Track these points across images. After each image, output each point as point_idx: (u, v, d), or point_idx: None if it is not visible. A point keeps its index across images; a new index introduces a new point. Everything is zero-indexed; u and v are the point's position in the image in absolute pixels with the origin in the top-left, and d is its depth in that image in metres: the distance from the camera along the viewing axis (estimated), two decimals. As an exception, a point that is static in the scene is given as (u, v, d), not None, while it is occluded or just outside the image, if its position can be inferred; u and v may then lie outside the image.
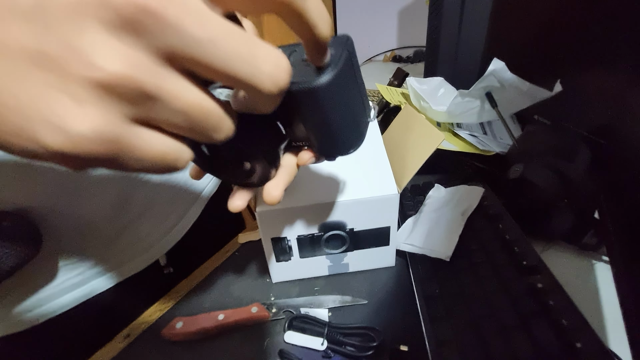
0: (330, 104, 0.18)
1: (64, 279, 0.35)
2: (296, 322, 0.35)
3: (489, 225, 0.40)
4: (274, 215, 0.34)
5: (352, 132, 0.20)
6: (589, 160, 0.42)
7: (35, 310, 0.35)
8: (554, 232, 0.40)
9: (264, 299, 0.38)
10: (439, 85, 0.57)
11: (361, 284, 0.39)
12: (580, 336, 0.28)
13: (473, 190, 0.44)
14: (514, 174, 0.41)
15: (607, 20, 0.41)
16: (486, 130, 0.57)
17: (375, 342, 0.32)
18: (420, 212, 0.43)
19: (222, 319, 0.35)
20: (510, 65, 0.48)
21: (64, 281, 0.35)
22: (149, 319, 0.37)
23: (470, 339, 0.30)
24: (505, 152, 0.50)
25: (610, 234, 0.37)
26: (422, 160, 0.34)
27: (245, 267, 0.42)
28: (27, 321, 0.35)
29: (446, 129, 0.57)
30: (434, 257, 0.37)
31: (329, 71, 0.17)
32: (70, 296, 0.36)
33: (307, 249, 0.37)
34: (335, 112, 0.18)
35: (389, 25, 1.21)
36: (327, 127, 0.19)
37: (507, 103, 0.51)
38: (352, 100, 0.19)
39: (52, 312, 0.36)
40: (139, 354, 0.34)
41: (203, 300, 0.39)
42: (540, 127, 0.52)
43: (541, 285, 0.32)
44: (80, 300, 0.37)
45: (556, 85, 0.47)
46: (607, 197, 0.39)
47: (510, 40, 0.58)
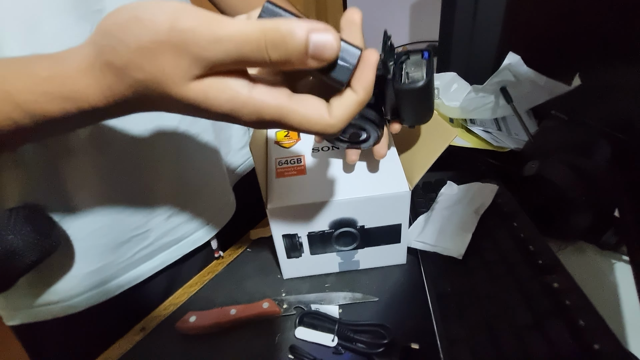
0: (426, 95, 0.28)
1: (135, 250, 0.39)
2: (307, 318, 0.35)
3: (503, 224, 0.39)
4: (285, 212, 0.35)
5: (430, 110, 0.31)
6: (608, 156, 0.41)
7: (114, 280, 0.38)
8: (571, 230, 0.39)
9: (275, 294, 0.38)
10: (452, 81, 0.56)
11: (372, 281, 0.39)
12: (598, 337, 0.27)
13: (486, 188, 0.43)
14: (530, 171, 0.40)
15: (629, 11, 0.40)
16: (500, 126, 0.56)
17: (386, 339, 0.32)
18: (432, 210, 0.42)
19: (234, 314, 0.35)
20: (527, 58, 0.47)
21: (135, 253, 0.39)
22: (164, 312, 0.38)
23: (483, 338, 0.30)
24: (520, 149, 0.49)
25: (631, 232, 0.36)
26: (434, 157, 0.33)
27: (256, 263, 0.43)
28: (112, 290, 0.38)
29: (459, 125, 0.56)
30: (446, 255, 0.37)
31: (428, 78, 0.27)
32: (144, 267, 0.40)
33: (318, 245, 0.37)
34: (427, 99, 0.29)
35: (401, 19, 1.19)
36: (417, 109, 0.30)
37: (522, 98, 0.50)
38: (432, 92, 0.29)
39: (128, 283, 0.39)
40: (154, 346, 0.35)
41: (216, 295, 0.40)
42: (558, 123, 0.51)
43: (557, 284, 0.31)
44: (153, 271, 0.41)
45: (575, 79, 0.45)
46: (628, 195, 0.37)
47: (526, 33, 0.57)
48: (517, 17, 0.56)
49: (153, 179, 0.37)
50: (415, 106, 0.30)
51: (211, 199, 0.44)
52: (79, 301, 0.37)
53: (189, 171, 0.40)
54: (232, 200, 0.48)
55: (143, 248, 0.39)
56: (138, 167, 0.36)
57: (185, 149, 0.40)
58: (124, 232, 0.37)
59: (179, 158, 0.39)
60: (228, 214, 0.47)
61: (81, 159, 0.32)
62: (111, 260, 0.37)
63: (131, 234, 0.37)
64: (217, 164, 0.44)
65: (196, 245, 0.44)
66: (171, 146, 0.38)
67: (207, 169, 0.43)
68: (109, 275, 0.38)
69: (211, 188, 0.44)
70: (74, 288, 0.36)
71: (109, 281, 0.38)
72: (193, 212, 0.42)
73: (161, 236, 0.40)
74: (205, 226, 0.44)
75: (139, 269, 0.40)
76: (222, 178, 0.46)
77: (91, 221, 0.34)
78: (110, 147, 0.33)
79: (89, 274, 0.36)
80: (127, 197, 0.36)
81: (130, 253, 0.38)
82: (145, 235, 0.39)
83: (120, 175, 0.35)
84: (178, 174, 0.39)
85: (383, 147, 0.33)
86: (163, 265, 0.41)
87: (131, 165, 0.35)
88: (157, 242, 0.40)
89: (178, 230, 0.42)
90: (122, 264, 0.38)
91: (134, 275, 0.39)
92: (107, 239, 0.36)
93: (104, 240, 0.36)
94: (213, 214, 0.45)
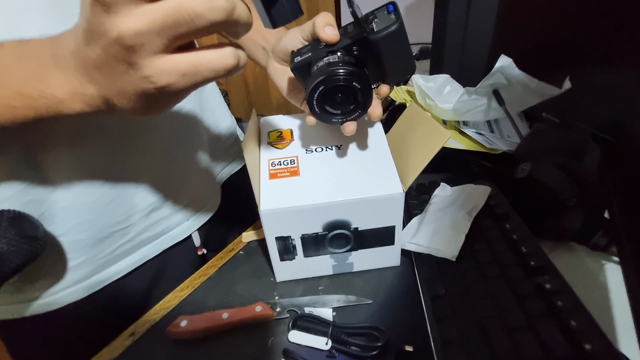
0: (402, 39, 0.30)
1: (116, 245, 0.38)
2: (300, 322, 0.34)
3: (496, 225, 0.39)
4: (278, 214, 0.34)
5: (411, 60, 0.32)
6: (598, 158, 0.41)
7: (95, 276, 0.38)
8: (562, 232, 0.40)
9: (268, 298, 0.38)
10: (445, 83, 0.57)
11: (366, 283, 0.39)
12: (589, 338, 0.27)
13: (479, 190, 0.43)
14: (522, 173, 0.41)
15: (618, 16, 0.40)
16: (493, 128, 0.56)
17: (380, 342, 0.31)
18: (426, 212, 0.42)
19: (226, 318, 0.35)
20: (518, 61, 0.47)
21: (116, 248, 0.38)
22: (154, 317, 0.38)
23: (476, 340, 0.30)
24: (512, 151, 0.49)
25: (620, 233, 0.36)
26: (428, 159, 0.33)
27: (249, 266, 0.42)
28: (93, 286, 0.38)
29: (452, 127, 0.56)
30: (440, 256, 0.37)
31: (399, 21, 0.29)
32: (124, 262, 0.40)
33: (311, 248, 0.37)
34: (404, 45, 0.30)
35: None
36: (399, 56, 0.31)
37: (514, 100, 0.50)
38: (406, 37, 0.30)
39: (109, 278, 0.39)
40: (144, 352, 0.34)
41: (207, 299, 0.39)
42: (549, 125, 0.52)
43: (549, 286, 0.31)
44: (133, 266, 0.40)
45: (565, 82, 0.46)
46: (618, 196, 0.38)
47: (518, 36, 0.57)
48: (508, 21, 0.57)
49: (134, 173, 0.37)
50: (395, 54, 0.30)
51: (193, 195, 0.44)
52: (59, 297, 0.36)
53: (171, 166, 0.40)
54: (216, 198, 0.48)
55: (124, 243, 0.39)
56: (119, 162, 0.35)
57: (168, 144, 0.39)
58: (105, 227, 0.36)
59: (162, 153, 0.39)
60: (211, 210, 0.47)
61: (60, 152, 0.32)
62: (92, 256, 0.37)
63: (112, 229, 0.37)
64: (201, 160, 0.44)
65: (177, 241, 0.44)
66: (153, 141, 0.38)
67: (191, 164, 0.43)
68: (90, 270, 0.37)
69: (194, 184, 0.44)
70: (53, 284, 0.35)
71: (90, 277, 0.37)
72: (174, 207, 0.42)
73: (142, 231, 0.40)
74: (186, 222, 0.44)
75: (120, 264, 0.39)
76: (206, 174, 0.46)
77: (71, 216, 0.34)
78: (90, 141, 0.33)
79: (69, 270, 0.35)
80: (108, 193, 0.36)
81: (111, 248, 0.38)
82: (126, 231, 0.38)
83: (101, 170, 0.34)
84: (160, 168, 0.39)
85: (376, 107, 0.33)
86: (143, 260, 0.41)
87: (112, 160, 0.35)
88: (137, 237, 0.39)
89: (159, 226, 0.41)
90: (103, 259, 0.37)
91: (114, 270, 0.39)
92: (88, 234, 0.35)
93: (84, 236, 0.35)
94: (195, 210, 0.45)
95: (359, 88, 0.30)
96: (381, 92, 0.33)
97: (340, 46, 0.30)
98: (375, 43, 0.29)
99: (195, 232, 0.46)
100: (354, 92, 0.30)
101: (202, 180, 0.45)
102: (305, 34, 0.32)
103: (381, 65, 0.31)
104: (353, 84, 0.30)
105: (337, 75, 0.29)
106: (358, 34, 0.30)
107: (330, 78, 0.29)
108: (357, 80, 0.30)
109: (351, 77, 0.29)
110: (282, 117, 0.42)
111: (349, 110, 0.32)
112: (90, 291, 0.38)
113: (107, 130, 0.34)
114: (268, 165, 0.38)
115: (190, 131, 0.42)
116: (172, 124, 0.39)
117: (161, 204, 0.40)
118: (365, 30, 0.29)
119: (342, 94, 0.31)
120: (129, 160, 0.36)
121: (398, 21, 0.29)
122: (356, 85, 0.30)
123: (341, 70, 0.29)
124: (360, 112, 0.32)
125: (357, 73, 0.29)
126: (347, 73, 0.29)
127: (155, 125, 0.37)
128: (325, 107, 0.31)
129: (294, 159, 0.38)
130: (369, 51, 0.30)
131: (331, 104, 0.31)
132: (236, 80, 1.87)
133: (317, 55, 0.31)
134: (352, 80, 0.29)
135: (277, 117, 0.42)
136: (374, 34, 0.29)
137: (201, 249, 0.47)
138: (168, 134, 0.39)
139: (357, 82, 0.30)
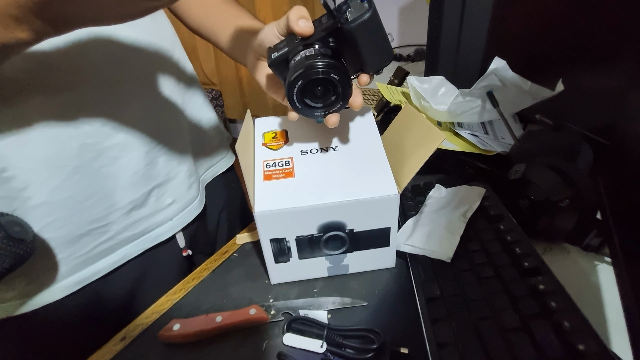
0: (376, 26, 0.29)
1: (94, 244, 0.37)
2: (295, 324, 0.34)
3: (490, 226, 0.39)
4: (272, 215, 0.34)
5: (388, 47, 0.31)
6: (591, 160, 0.42)
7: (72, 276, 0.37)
8: (555, 233, 0.40)
9: (263, 300, 0.38)
10: (440, 84, 0.57)
11: (361, 285, 0.39)
12: (582, 338, 0.27)
13: (474, 191, 0.43)
14: (516, 174, 0.41)
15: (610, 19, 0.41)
16: (487, 129, 0.56)
17: (375, 344, 0.31)
18: (421, 213, 0.42)
19: (220, 321, 0.34)
20: (512, 63, 0.48)
21: (94, 247, 0.37)
22: (146, 320, 0.37)
23: (471, 341, 0.30)
24: (506, 152, 0.50)
25: (612, 234, 0.37)
26: (423, 160, 0.33)
27: (243, 269, 0.42)
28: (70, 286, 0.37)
29: (447, 128, 0.56)
30: (435, 258, 0.37)
31: (372, 8, 0.28)
32: (104, 262, 0.39)
33: (306, 250, 0.37)
34: (379, 32, 0.30)
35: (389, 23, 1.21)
36: (375, 44, 0.30)
37: (508, 102, 0.50)
38: (381, 23, 0.30)
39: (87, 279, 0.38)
40: (136, 356, 0.34)
41: (200, 302, 0.38)
42: (542, 127, 0.52)
43: (543, 286, 0.32)
44: (113, 266, 0.39)
45: (558, 85, 0.46)
46: (610, 198, 0.38)
47: (512, 39, 0.58)
48: (502, 23, 0.58)
49: (113, 170, 0.36)
50: (371, 42, 0.30)
51: (176, 195, 0.43)
52: (36, 298, 0.35)
53: (153, 165, 0.39)
54: (200, 198, 0.47)
55: (103, 242, 0.38)
56: (96, 158, 0.35)
57: (149, 142, 0.39)
58: (82, 224, 0.36)
59: (142, 151, 0.38)
60: (195, 211, 0.46)
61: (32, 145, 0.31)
62: (68, 254, 0.36)
63: (90, 227, 0.36)
64: (184, 159, 0.43)
65: (159, 241, 0.43)
66: (133, 138, 0.37)
67: (173, 164, 0.42)
68: (67, 270, 0.36)
69: (176, 183, 0.43)
70: (28, 283, 0.34)
71: (67, 276, 0.36)
72: (156, 206, 0.41)
73: (122, 230, 0.39)
74: (169, 222, 0.43)
75: (99, 264, 0.38)
76: (191, 173, 0.45)
77: (45, 213, 0.33)
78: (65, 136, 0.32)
79: (44, 269, 0.34)
80: (85, 189, 0.35)
81: (90, 247, 0.37)
82: (105, 229, 0.37)
83: (77, 165, 0.34)
84: (141, 166, 0.38)
85: (357, 96, 0.33)
86: (124, 260, 0.40)
87: (89, 155, 0.34)
88: (117, 236, 0.39)
89: (140, 225, 0.40)
90: (81, 258, 0.37)
91: (93, 270, 0.38)
92: (63, 231, 0.35)
93: (59, 233, 0.34)
94: (178, 210, 0.44)
95: (337, 79, 0.30)
96: (361, 81, 0.33)
97: (316, 39, 0.30)
98: (350, 32, 0.29)
99: (180, 233, 0.46)
100: (333, 84, 0.30)
101: (186, 180, 0.44)
102: (280, 29, 0.32)
103: (359, 54, 0.31)
104: (331, 75, 0.29)
105: (314, 69, 0.29)
106: (332, 25, 0.29)
107: (308, 72, 0.29)
108: (335, 71, 0.29)
109: (329, 69, 0.29)
110: (276, 118, 0.42)
111: (330, 103, 0.32)
112: (68, 291, 0.37)
113: (84, 124, 0.33)
114: (262, 167, 0.37)
115: (171, 130, 0.41)
116: (151, 121, 0.38)
117: (142, 203, 0.40)
118: (339, 21, 0.29)
119: (321, 86, 0.30)
120: (107, 156, 0.35)
121: (371, 9, 0.28)
122: (334, 76, 0.29)
123: (319, 63, 0.29)
124: (341, 103, 0.32)
125: (334, 65, 0.29)
126: (324, 65, 0.29)
127: (134, 122, 0.37)
128: (305, 101, 0.31)
129: (289, 160, 0.38)
130: (345, 41, 0.30)
131: (311, 97, 0.31)
132: (231, 81, 1.86)
133: (294, 49, 0.30)
134: (330, 72, 0.29)
135: (271, 118, 0.42)
136: (347, 24, 0.28)
137: (186, 250, 0.46)
138: (148, 131, 0.38)
139: (335, 73, 0.29)
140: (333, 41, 0.30)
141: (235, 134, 1.64)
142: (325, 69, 0.29)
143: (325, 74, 0.29)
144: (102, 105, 0.34)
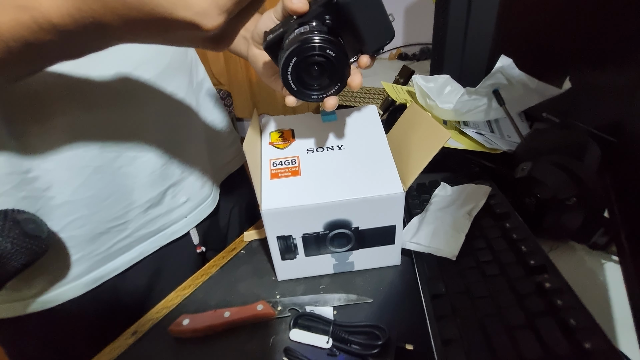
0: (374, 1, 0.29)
1: (113, 241, 0.38)
2: (301, 320, 0.35)
3: (496, 224, 0.39)
4: (279, 213, 0.34)
5: (388, 24, 0.30)
6: (598, 158, 0.41)
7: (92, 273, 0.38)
8: (562, 231, 0.40)
9: (270, 297, 0.38)
10: (446, 83, 0.57)
11: (366, 282, 0.39)
12: (589, 337, 0.27)
13: (480, 189, 0.43)
14: (522, 173, 0.41)
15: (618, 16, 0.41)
16: (493, 128, 0.56)
17: (381, 340, 0.32)
18: (426, 211, 0.42)
19: (228, 317, 0.35)
20: (518, 62, 0.48)
21: (113, 244, 0.38)
22: (156, 315, 0.38)
23: (477, 339, 0.30)
24: (512, 151, 0.49)
25: (620, 232, 0.37)
26: (428, 159, 0.33)
27: (250, 265, 0.43)
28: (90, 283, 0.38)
29: (453, 127, 0.56)
30: (440, 256, 0.37)
31: None
32: (122, 258, 0.39)
33: (313, 247, 0.37)
34: (377, 6, 0.29)
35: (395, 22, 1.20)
36: (374, 20, 0.29)
37: (515, 101, 0.50)
38: (381, 1, 0.29)
39: (106, 275, 0.39)
40: (146, 351, 0.35)
41: (209, 298, 0.39)
42: (549, 125, 0.52)
43: (549, 284, 0.32)
44: (131, 262, 0.40)
45: (565, 82, 0.46)
46: (617, 196, 0.38)
47: (518, 37, 0.57)
48: (509, 21, 0.57)
49: (132, 169, 0.37)
50: (369, 18, 0.29)
51: (191, 193, 0.44)
52: (56, 295, 0.36)
53: (169, 164, 0.40)
54: (214, 196, 0.48)
55: (121, 239, 0.39)
56: (117, 158, 0.36)
57: (165, 142, 0.39)
58: (102, 223, 0.37)
59: (159, 151, 0.39)
60: (208, 208, 0.47)
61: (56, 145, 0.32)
62: (89, 252, 0.37)
63: (109, 225, 0.37)
64: (198, 158, 0.44)
65: (174, 237, 0.44)
66: (150, 139, 0.38)
67: (188, 163, 0.43)
68: (87, 267, 0.37)
69: (191, 182, 0.44)
70: (50, 281, 0.35)
71: (87, 273, 0.37)
72: (172, 204, 0.42)
73: (139, 227, 0.40)
74: (184, 219, 0.44)
75: (118, 260, 0.39)
76: (205, 172, 0.46)
77: (67, 212, 0.34)
78: (87, 137, 0.33)
79: (65, 267, 0.35)
80: (105, 188, 0.36)
81: (109, 244, 0.38)
82: (124, 227, 0.38)
83: (98, 165, 0.35)
84: (158, 165, 0.39)
85: (355, 75, 0.31)
86: (141, 256, 0.41)
87: (109, 155, 0.35)
88: (135, 234, 0.40)
89: (157, 222, 0.41)
90: (100, 256, 0.38)
91: (112, 267, 0.39)
92: (84, 230, 0.35)
93: (80, 232, 0.35)
94: (193, 207, 0.45)
95: (333, 56, 0.28)
96: (362, 62, 0.32)
97: (312, 16, 0.28)
98: (346, 7, 0.27)
99: (194, 230, 0.47)
100: (330, 62, 0.28)
101: (200, 179, 0.45)
102: (278, 14, 0.31)
103: (357, 32, 0.29)
104: (327, 52, 0.27)
105: (309, 43, 0.27)
106: (328, 1, 0.28)
107: (302, 47, 0.27)
108: (332, 47, 0.27)
109: (325, 44, 0.27)
110: (283, 117, 0.43)
111: (327, 84, 0.30)
112: (87, 288, 0.38)
113: (104, 126, 0.34)
114: (269, 165, 0.38)
115: (187, 130, 0.42)
116: (168, 122, 0.39)
117: (159, 201, 0.41)
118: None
119: (317, 66, 0.29)
120: (127, 156, 0.36)
121: None
122: (330, 53, 0.28)
123: (315, 38, 0.27)
124: (339, 84, 0.30)
125: (330, 40, 0.27)
126: (320, 40, 0.27)
127: (152, 123, 0.37)
128: (301, 83, 0.29)
129: (295, 159, 0.38)
130: (342, 18, 0.28)
131: (308, 78, 0.29)
132: (240, 81, 1.87)
133: (289, 29, 0.29)
134: (325, 48, 0.27)
135: (278, 117, 0.43)
136: None
137: (200, 247, 0.47)
138: (164, 132, 0.39)
139: (331, 49, 0.27)
140: (330, 19, 0.29)
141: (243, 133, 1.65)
142: (321, 44, 0.27)
143: (321, 50, 0.27)
144: (123, 107, 0.35)
